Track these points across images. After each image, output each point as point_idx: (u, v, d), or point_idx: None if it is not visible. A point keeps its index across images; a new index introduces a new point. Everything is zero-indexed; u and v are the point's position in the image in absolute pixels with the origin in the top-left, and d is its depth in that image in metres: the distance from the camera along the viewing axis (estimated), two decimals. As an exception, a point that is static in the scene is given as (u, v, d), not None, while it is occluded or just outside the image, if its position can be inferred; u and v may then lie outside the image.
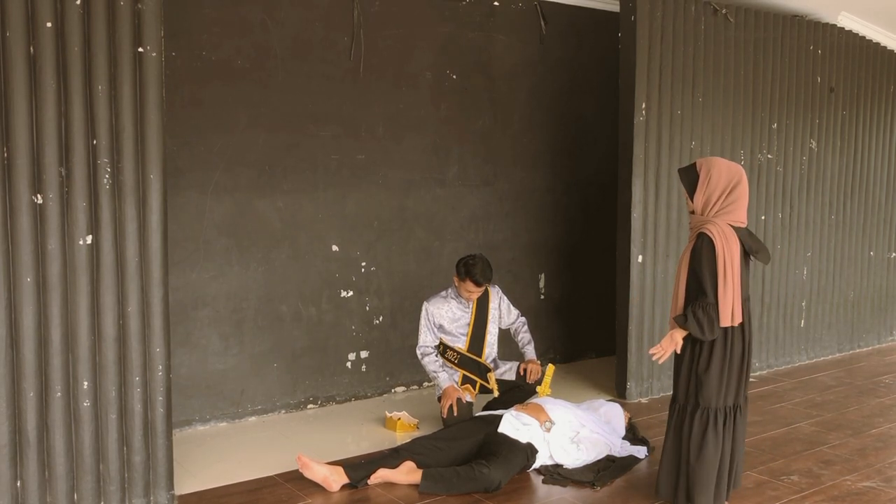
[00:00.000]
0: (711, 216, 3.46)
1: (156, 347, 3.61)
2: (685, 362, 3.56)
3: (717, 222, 3.42)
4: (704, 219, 3.47)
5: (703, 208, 3.49)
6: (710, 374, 3.48)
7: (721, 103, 5.77)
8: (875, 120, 6.92)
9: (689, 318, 3.42)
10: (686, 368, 3.55)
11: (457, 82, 5.66)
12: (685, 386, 3.57)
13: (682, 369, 3.58)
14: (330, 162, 5.16)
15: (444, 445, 4.07)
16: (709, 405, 3.50)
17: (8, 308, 3.31)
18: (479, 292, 4.69)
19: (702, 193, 3.48)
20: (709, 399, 3.50)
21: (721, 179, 3.46)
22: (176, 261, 4.57)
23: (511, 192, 6.04)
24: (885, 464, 4.35)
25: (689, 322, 3.41)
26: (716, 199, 3.46)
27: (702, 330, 3.41)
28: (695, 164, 3.57)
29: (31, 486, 3.41)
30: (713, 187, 3.46)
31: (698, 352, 3.51)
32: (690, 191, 3.53)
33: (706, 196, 3.48)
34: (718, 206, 3.46)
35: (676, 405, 3.63)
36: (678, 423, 3.61)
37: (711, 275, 3.38)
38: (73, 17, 3.30)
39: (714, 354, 3.48)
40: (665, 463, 3.67)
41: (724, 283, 3.36)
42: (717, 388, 3.49)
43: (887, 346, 7.30)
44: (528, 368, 4.78)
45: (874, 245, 7.09)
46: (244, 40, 4.78)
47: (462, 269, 4.61)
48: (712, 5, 5.63)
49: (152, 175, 3.52)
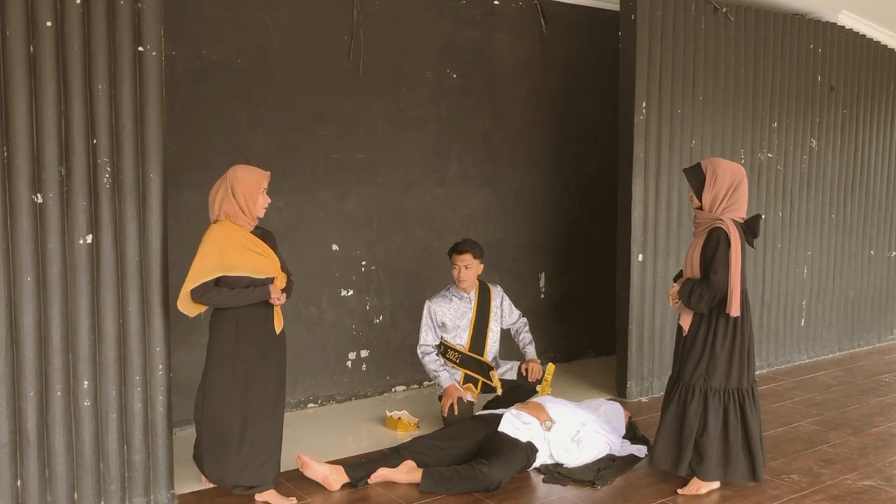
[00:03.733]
0: (719, 212, 3.79)
1: (156, 347, 3.61)
2: (697, 346, 3.85)
3: (725, 219, 3.75)
4: (713, 215, 3.79)
5: (711, 205, 3.81)
6: (721, 357, 3.81)
7: (721, 103, 5.76)
8: (875, 119, 6.91)
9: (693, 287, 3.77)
10: (698, 351, 3.85)
11: (457, 82, 5.66)
12: (693, 367, 3.86)
13: (692, 352, 3.86)
14: (330, 162, 5.16)
15: (444, 444, 4.07)
16: (719, 387, 3.83)
17: (8, 308, 3.31)
18: (464, 263, 4.67)
19: (710, 192, 3.80)
20: (719, 381, 3.83)
21: (726, 179, 3.78)
22: (176, 260, 4.56)
23: (511, 192, 6.04)
24: (885, 463, 4.35)
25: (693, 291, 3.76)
26: (722, 196, 3.78)
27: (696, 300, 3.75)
28: (700, 165, 3.89)
29: (31, 485, 3.41)
30: (719, 186, 3.78)
31: (711, 337, 3.82)
32: (699, 190, 3.84)
33: (714, 194, 3.79)
34: (725, 204, 3.79)
35: (681, 383, 3.92)
36: (682, 399, 3.90)
37: (724, 266, 3.70)
38: (73, 17, 3.30)
39: (724, 339, 3.81)
40: (664, 434, 3.95)
41: (735, 276, 3.70)
42: (725, 371, 3.83)
43: (887, 344, 7.30)
44: (528, 368, 4.79)
45: (874, 244, 7.09)
46: (244, 40, 4.79)
47: (449, 251, 4.77)
48: (712, 4, 5.62)
49: (152, 175, 3.52)
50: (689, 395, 3.86)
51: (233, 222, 3.59)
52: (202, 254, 3.53)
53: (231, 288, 3.55)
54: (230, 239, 3.56)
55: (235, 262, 3.54)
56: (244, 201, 3.56)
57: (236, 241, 3.57)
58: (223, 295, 3.54)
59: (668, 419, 3.94)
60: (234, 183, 3.55)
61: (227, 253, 3.53)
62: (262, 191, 3.62)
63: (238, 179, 3.56)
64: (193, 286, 3.52)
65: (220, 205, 3.58)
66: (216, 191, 3.62)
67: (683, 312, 3.92)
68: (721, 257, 3.70)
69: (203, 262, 3.52)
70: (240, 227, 3.60)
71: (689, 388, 3.87)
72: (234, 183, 3.55)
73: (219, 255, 3.52)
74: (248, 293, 3.56)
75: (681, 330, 3.96)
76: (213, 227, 3.62)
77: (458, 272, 4.70)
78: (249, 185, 3.56)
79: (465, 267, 4.69)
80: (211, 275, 3.51)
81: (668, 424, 3.94)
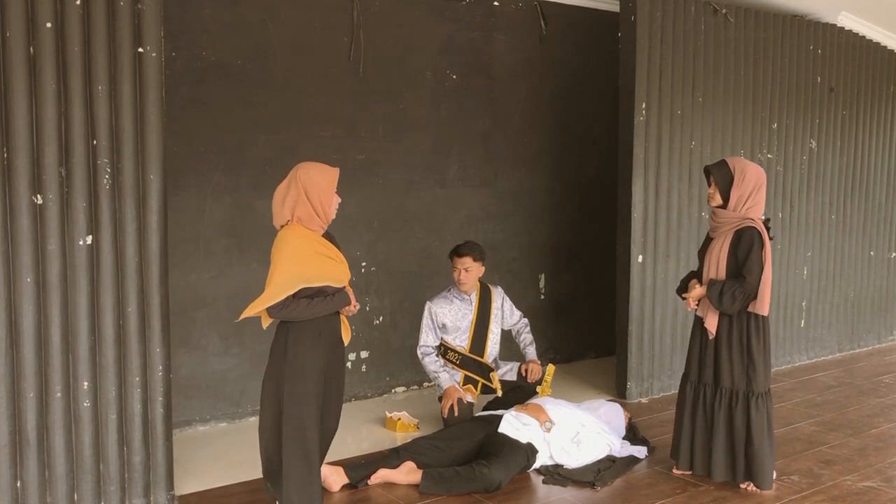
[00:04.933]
0: (744, 211, 3.80)
1: (155, 348, 3.61)
2: (733, 349, 3.84)
3: (756, 218, 3.80)
4: (739, 214, 3.81)
5: (737, 204, 3.82)
6: (759, 360, 3.83)
7: (721, 103, 5.76)
8: (875, 120, 6.92)
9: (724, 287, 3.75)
10: (735, 355, 3.84)
11: (457, 82, 5.66)
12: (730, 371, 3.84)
13: (728, 356, 3.84)
14: (330, 162, 5.09)
15: (444, 445, 4.07)
16: (761, 389, 3.85)
17: (8, 308, 3.31)
18: (464, 266, 4.67)
19: (737, 190, 3.81)
20: (762, 383, 3.85)
21: (752, 178, 3.82)
22: (176, 261, 4.56)
23: (511, 192, 6.04)
24: (885, 464, 4.35)
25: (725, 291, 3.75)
26: (747, 196, 3.81)
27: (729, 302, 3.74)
28: (726, 163, 3.88)
29: (31, 486, 3.40)
30: (746, 185, 3.81)
31: (745, 339, 3.83)
32: (726, 188, 3.83)
33: (740, 193, 3.81)
34: (750, 202, 3.81)
35: (721, 389, 3.88)
36: (728, 407, 3.86)
37: (759, 266, 3.73)
38: (73, 17, 3.30)
39: (759, 340, 3.83)
40: (718, 446, 3.89)
41: (768, 276, 3.74)
42: (763, 373, 3.85)
43: (887, 345, 7.30)
44: (528, 369, 4.78)
45: (874, 245, 7.09)
46: (244, 40, 4.78)
47: (450, 254, 4.76)
48: (712, 5, 5.63)
49: (152, 175, 3.52)
50: (735, 401, 3.84)
51: (306, 227, 3.30)
52: (282, 267, 3.19)
53: (310, 298, 3.26)
54: (309, 247, 3.26)
55: (317, 273, 3.25)
56: (319, 204, 3.27)
57: (314, 248, 3.27)
58: (302, 307, 3.23)
59: (719, 429, 3.87)
60: (308, 184, 3.24)
61: (307, 262, 3.23)
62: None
63: (311, 181, 3.25)
64: (274, 302, 3.18)
65: (293, 208, 3.26)
66: (284, 193, 3.29)
67: (709, 315, 3.87)
68: (755, 257, 3.72)
69: (283, 275, 3.18)
70: (313, 231, 3.31)
71: (733, 393, 3.84)
72: (306, 184, 3.24)
73: (299, 266, 3.21)
74: (327, 303, 3.29)
75: (704, 333, 3.91)
76: (286, 233, 3.28)
77: (459, 275, 4.70)
78: (324, 186, 3.28)
79: (465, 270, 4.68)
80: (292, 288, 3.18)
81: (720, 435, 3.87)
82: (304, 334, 3.30)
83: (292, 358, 3.31)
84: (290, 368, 3.30)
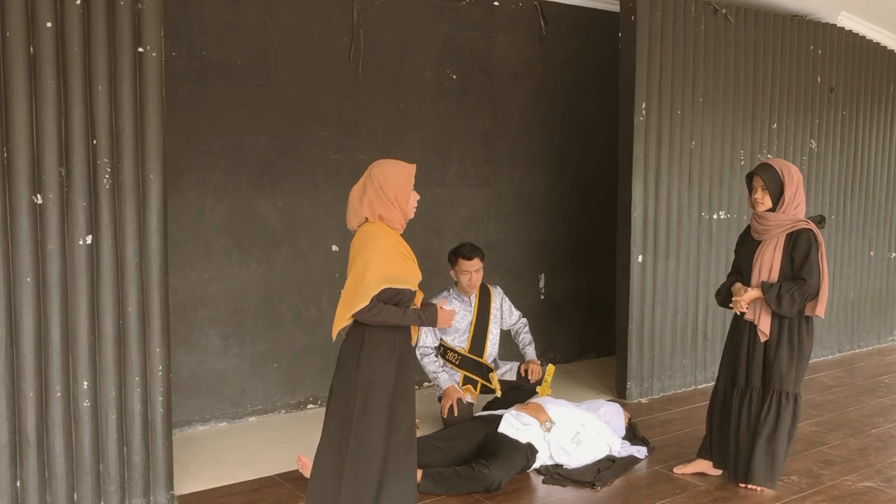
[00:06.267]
0: (793, 212, 3.80)
1: (155, 347, 3.61)
2: (784, 351, 3.80)
3: (806, 219, 3.80)
4: (791, 217, 3.79)
5: (787, 205, 3.80)
6: (804, 361, 3.84)
7: (721, 103, 5.76)
8: (875, 120, 6.92)
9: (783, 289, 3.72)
10: (788, 357, 3.80)
11: (457, 82, 5.66)
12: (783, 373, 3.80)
13: (782, 358, 3.80)
14: (330, 162, 5.16)
15: (444, 445, 4.07)
16: (799, 390, 3.86)
17: (8, 308, 3.31)
18: (474, 269, 4.67)
19: (788, 192, 3.79)
20: (799, 385, 3.85)
21: (796, 177, 3.81)
22: (176, 261, 4.56)
23: (511, 192, 6.04)
24: (885, 464, 4.35)
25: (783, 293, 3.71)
26: (793, 196, 3.81)
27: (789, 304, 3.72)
28: (771, 166, 3.83)
29: (30, 486, 3.41)
30: (794, 185, 3.80)
31: (797, 341, 3.81)
32: (777, 190, 3.79)
33: (790, 195, 3.80)
34: (796, 202, 3.82)
35: (771, 391, 3.83)
36: (777, 409, 3.82)
37: (818, 268, 3.75)
38: (73, 17, 3.30)
39: (809, 342, 3.85)
40: (762, 450, 3.84)
41: (825, 278, 3.78)
42: (803, 374, 3.86)
43: (887, 346, 7.30)
44: (528, 369, 4.78)
45: (874, 245, 7.09)
46: (244, 40, 4.78)
47: (451, 256, 4.72)
48: (712, 5, 5.63)
49: (152, 175, 3.52)
50: (784, 403, 3.81)
51: (388, 226, 3.12)
52: (371, 266, 2.99)
53: (385, 302, 3.04)
54: (393, 246, 3.08)
55: (401, 274, 3.06)
56: (398, 202, 3.10)
57: (397, 248, 3.09)
58: (390, 313, 3.03)
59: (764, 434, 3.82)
60: (384, 183, 3.08)
61: (391, 262, 3.04)
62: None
63: (387, 179, 3.08)
64: (365, 304, 2.98)
65: (371, 207, 3.08)
66: (360, 193, 3.12)
67: (763, 316, 3.82)
68: (814, 259, 3.73)
69: (372, 275, 2.98)
70: (395, 230, 3.14)
71: (787, 395, 3.81)
72: (382, 183, 3.08)
73: (385, 265, 3.02)
74: (418, 314, 3.12)
75: (751, 336, 3.87)
76: (373, 230, 3.08)
77: (469, 278, 4.68)
78: (402, 183, 3.11)
79: (475, 272, 4.68)
80: (377, 288, 2.98)
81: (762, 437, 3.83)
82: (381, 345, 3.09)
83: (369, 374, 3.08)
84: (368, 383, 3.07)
